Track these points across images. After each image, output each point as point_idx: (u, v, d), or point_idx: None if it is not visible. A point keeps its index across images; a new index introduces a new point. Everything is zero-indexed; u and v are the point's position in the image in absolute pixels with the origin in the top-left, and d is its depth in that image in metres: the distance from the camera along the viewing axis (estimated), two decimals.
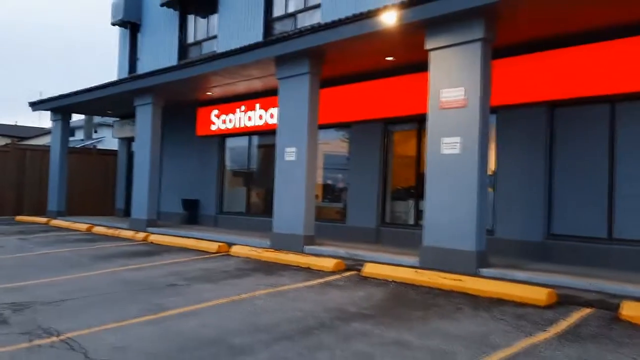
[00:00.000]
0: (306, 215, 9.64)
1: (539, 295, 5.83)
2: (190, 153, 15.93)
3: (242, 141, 14.65)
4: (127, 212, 18.88)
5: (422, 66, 9.57)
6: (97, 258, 9.33)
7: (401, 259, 7.98)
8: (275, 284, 6.97)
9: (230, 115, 14.24)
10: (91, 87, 15.82)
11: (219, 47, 14.83)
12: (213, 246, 9.91)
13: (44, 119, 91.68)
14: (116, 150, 20.99)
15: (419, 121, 10.50)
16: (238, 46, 11.70)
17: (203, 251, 9.95)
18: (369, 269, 7.42)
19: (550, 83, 8.34)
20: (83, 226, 14.05)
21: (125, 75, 18.67)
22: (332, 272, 7.68)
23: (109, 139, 43.54)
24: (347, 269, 7.82)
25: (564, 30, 8.00)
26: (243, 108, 13.88)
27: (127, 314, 5.52)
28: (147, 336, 4.82)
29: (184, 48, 16.67)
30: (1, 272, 8.04)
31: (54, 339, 4.73)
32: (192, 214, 15.45)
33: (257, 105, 13.47)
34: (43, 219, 16.31)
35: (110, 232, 12.97)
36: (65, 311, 5.71)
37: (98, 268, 8.30)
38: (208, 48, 15.82)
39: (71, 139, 54.51)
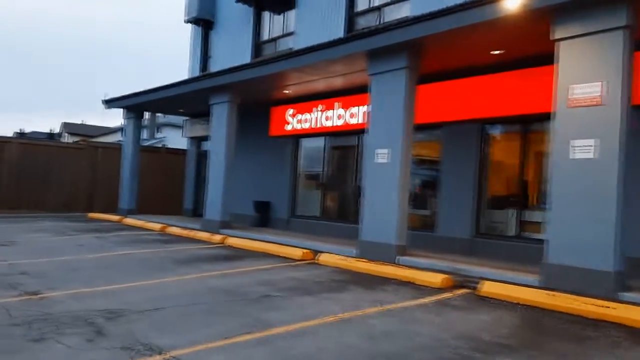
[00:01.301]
0: (399, 223, 8.85)
1: None
2: (262, 154, 15.46)
3: (318, 142, 14.02)
4: (195, 212, 18.69)
5: (533, 60, 8.66)
6: (179, 261, 8.87)
7: (517, 276, 7.05)
8: (383, 301, 6.22)
9: (307, 115, 13.64)
10: (165, 85, 15.62)
11: (296, 43, 14.28)
12: (297, 253, 9.28)
13: (107, 119, 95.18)
14: (184, 149, 20.89)
15: (523, 122, 9.54)
16: (317, 42, 11.17)
17: (287, 258, 9.33)
18: (487, 288, 6.54)
19: None
20: (156, 226, 13.79)
21: (197, 73, 18.48)
22: (441, 289, 6.85)
23: (170, 139, 44.23)
24: (458, 286, 6.97)
25: None
26: (321, 107, 13.24)
27: (230, 329, 4.92)
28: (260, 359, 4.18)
29: (258, 45, 16.26)
30: (86, 273, 7.69)
31: (157, 357, 4.17)
32: (263, 217, 14.96)
33: (337, 105, 12.80)
34: (115, 217, 16.25)
35: (185, 233, 12.61)
36: (162, 322, 5.17)
37: (183, 273, 7.81)
38: (284, 45, 15.32)
39: None
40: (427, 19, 8.05)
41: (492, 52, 8.91)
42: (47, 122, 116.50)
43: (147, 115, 49.25)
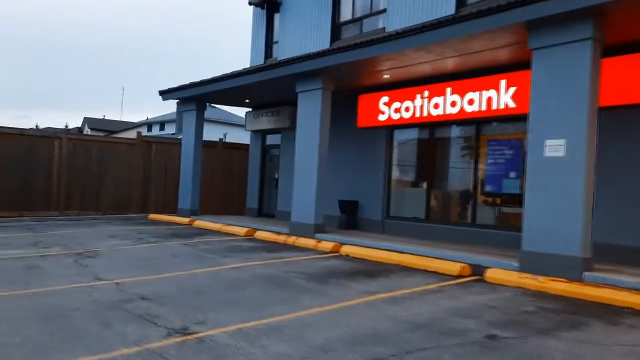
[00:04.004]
0: (584, 230, 7.18)
1: None
2: (347, 148, 13.80)
3: (422, 133, 12.37)
4: (260, 212, 17.16)
5: None
6: (314, 279, 7.28)
7: None
8: None
9: (407, 103, 11.96)
10: (235, 73, 14.12)
11: (389, 23, 12.60)
12: (452, 267, 7.63)
13: (127, 114, 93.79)
14: (242, 143, 19.39)
15: None
16: (417, 20, 9.76)
17: (438, 273, 7.70)
18: None
19: None
20: (239, 230, 12.23)
21: (260, 60, 16.89)
22: None
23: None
24: None
25: None
26: (426, 94, 11.56)
27: None
28: None
29: (336, 27, 14.59)
30: (217, 297, 6.13)
31: None
32: (350, 218, 13.35)
33: (449, 90, 11.11)
34: (183, 219, 14.71)
35: (280, 239, 11.03)
36: None
37: (339, 297, 6.22)
38: (370, 25, 13.64)
39: (161, 132, 54.56)
40: None
41: None
42: (52, 118, 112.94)
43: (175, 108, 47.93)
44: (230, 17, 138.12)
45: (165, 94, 16.92)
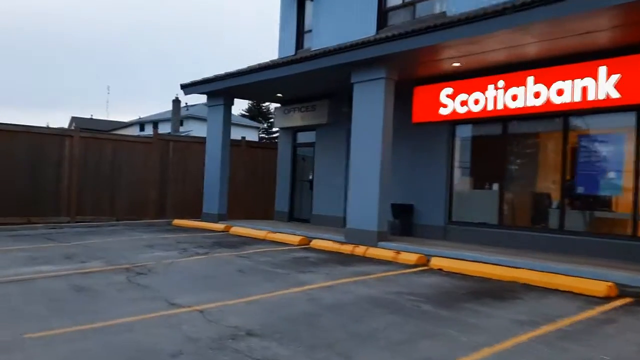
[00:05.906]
0: None
1: None
2: (400, 146, 12.38)
3: (491, 128, 11.09)
4: (291, 216, 15.78)
5: None
6: (434, 302, 5.94)
7: None
8: None
9: (476, 95, 10.68)
10: (275, 62, 12.77)
11: (450, 5, 11.32)
12: (596, 287, 6.32)
13: (113, 113, 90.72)
14: (267, 142, 18.01)
15: None
16: (484, 5, 8.80)
17: (573, 292, 6.41)
18: None
19: None
20: (289, 238, 10.81)
21: (291, 51, 15.52)
22: None
23: (195, 132, 41.10)
24: None
25: None
26: (501, 84, 10.31)
27: None
28: None
29: (383, 13, 13.28)
30: (339, 331, 4.74)
31: None
32: (404, 223, 12.01)
33: (530, 79, 9.87)
34: (218, 226, 13.21)
35: (345, 248, 9.66)
36: None
37: (494, 330, 4.90)
38: (426, 9, 12.36)
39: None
40: None
41: None
42: (30, 117, 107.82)
43: (171, 106, 46.29)
44: (228, 13, 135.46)
45: (187, 87, 15.50)
